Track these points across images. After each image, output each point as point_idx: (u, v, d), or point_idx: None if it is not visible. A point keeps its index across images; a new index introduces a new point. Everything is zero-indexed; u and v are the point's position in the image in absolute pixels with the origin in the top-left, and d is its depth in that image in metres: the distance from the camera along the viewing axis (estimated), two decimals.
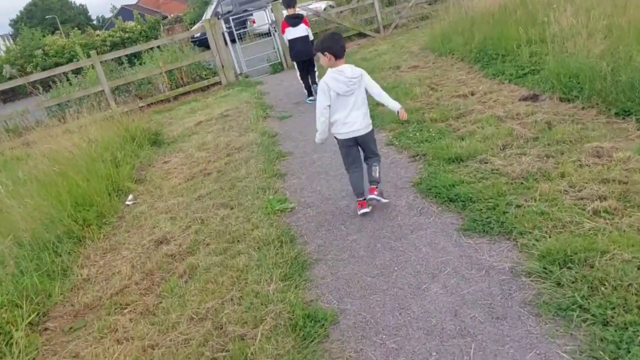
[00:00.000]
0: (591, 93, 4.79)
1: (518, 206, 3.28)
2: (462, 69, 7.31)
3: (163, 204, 4.96)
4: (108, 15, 69.96)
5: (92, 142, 6.13)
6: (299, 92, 8.70)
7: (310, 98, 7.70)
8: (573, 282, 2.45)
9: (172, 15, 44.90)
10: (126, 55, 11.21)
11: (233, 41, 12.19)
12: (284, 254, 3.41)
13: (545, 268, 2.61)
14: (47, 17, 51.76)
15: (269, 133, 6.44)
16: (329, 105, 3.58)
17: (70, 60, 31.43)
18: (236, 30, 11.94)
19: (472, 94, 6.00)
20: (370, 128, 3.74)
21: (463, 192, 3.60)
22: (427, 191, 3.84)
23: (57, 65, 30.15)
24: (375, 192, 3.69)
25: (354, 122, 3.62)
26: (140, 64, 12.47)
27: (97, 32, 32.82)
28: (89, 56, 10.47)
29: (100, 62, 10.24)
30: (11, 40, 45.49)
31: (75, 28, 41.42)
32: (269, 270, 3.23)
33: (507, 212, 3.23)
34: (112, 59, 11.15)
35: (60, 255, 4.08)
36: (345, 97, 3.55)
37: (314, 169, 4.99)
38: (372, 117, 6.06)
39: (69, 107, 10.00)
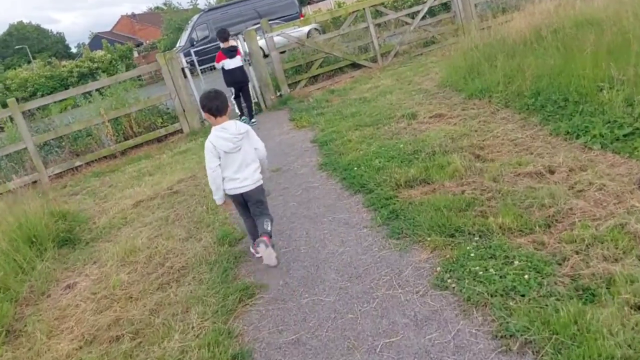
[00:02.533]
0: None
1: None
2: (510, 120, 5.10)
3: None
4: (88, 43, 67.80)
5: None
6: (283, 147, 6.47)
7: (253, 121, 8.34)
8: None
9: (148, 41, 42.76)
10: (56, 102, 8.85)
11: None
12: None
13: None
14: (17, 47, 49.29)
15: (231, 236, 4.12)
16: (219, 165, 3.40)
17: (33, 95, 29.03)
18: (203, 61, 9.77)
19: (551, 172, 3.78)
20: (260, 183, 3.54)
21: None
22: None
23: (18, 100, 27.83)
24: (265, 238, 3.34)
25: (245, 177, 3.45)
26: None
27: (64, 62, 30.48)
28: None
29: (23, 112, 7.91)
30: None
31: (49, 58, 39.04)
32: None
33: None
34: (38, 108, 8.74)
35: None
36: (233, 154, 3.38)
37: (307, 342, 2.68)
38: (395, 212, 3.87)
39: None
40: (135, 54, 35.99)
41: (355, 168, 4.90)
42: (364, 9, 10.26)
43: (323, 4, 43.02)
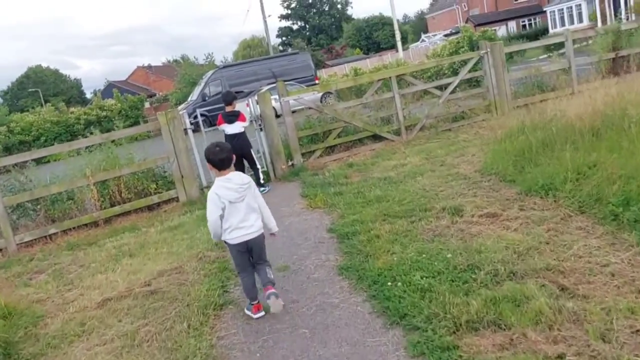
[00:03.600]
0: None
1: None
2: (591, 233, 3.93)
3: None
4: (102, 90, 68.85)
5: None
6: (293, 234, 5.33)
7: (262, 189, 7.52)
8: None
9: (160, 93, 42.88)
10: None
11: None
12: None
13: None
14: (30, 89, 49.66)
15: None
16: (221, 216, 3.45)
17: (37, 139, 28.35)
18: (214, 117, 8.98)
19: None
20: (262, 230, 3.64)
21: None
22: None
23: (21, 143, 27.07)
24: (273, 289, 3.54)
25: (251, 225, 3.53)
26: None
27: (72, 109, 30.06)
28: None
29: None
30: None
31: (62, 102, 38.89)
32: None
33: None
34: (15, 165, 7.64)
35: None
36: (237, 203, 3.45)
37: None
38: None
39: None
40: (147, 105, 35.77)
41: (390, 283, 3.72)
42: (389, 77, 9.42)
43: (338, 68, 43.37)
